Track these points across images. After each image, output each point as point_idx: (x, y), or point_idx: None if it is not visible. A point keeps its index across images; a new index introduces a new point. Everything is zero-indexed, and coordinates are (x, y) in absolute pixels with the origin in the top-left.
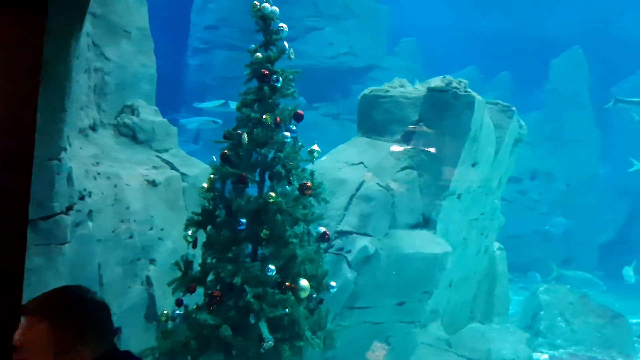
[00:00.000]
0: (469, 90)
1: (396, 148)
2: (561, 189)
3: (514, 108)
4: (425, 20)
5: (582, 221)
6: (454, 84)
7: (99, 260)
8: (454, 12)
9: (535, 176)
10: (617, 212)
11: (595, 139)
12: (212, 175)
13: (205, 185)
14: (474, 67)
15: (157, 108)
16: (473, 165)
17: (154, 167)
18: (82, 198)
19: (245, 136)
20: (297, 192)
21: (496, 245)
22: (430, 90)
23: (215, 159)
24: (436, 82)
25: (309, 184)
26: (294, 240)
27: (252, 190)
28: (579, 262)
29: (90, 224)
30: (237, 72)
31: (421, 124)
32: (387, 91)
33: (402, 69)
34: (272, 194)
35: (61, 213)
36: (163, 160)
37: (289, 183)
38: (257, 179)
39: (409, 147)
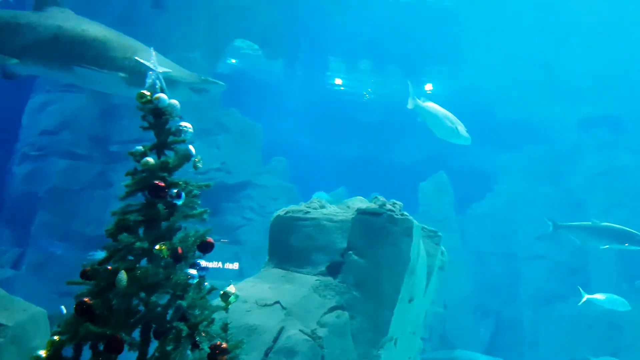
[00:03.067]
0: (405, 213)
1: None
2: (439, 312)
3: (440, 234)
4: (296, 141)
5: (462, 346)
6: (388, 206)
7: None
8: (321, 136)
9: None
10: (481, 333)
11: (465, 261)
12: (56, 337)
13: (42, 353)
14: (345, 188)
15: None
16: (410, 301)
17: None
18: None
19: (123, 275)
20: None
21: None
22: (361, 212)
23: (64, 310)
24: (361, 202)
25: (224, 345)
26: None
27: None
28: None
29: None
30: (77, 184)
31: (351, 252)
32: (308, 212)
33: (277, 188)
34: None
35: None
36: None
37: (195, 346)
38: (138, 339)
39: (336, 281)
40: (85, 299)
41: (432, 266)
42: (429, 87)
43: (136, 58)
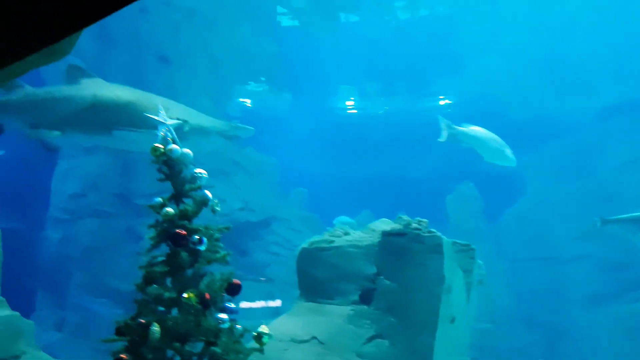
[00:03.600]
0: (432, 230)
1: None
2: (487, 328)
3: (474, 247)
4: (314, 169)
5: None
6: (414, 225)
7: None
8: (339, 161)
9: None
10: (533, 345)
11: (503, 271)
12: None
13: None
14: (369, 211)
15: (2, 298)
16: (452, 321)
17: None
18: None
19: (155, 328)
20: None
21: None
22: (386, 234)
23: None
24: (386, 224)
25: None
26: None
27: None
28: None
29: None
30: (107, 241)
31: (381, 277)
32: (332, 241)
33: (300, 219)
34: None
35: None
36: None
37: None
38: None
39: (370, 309)
40: (122, 355)
41: (471, 282)
42: (442, 101)
43: (146, 114)
